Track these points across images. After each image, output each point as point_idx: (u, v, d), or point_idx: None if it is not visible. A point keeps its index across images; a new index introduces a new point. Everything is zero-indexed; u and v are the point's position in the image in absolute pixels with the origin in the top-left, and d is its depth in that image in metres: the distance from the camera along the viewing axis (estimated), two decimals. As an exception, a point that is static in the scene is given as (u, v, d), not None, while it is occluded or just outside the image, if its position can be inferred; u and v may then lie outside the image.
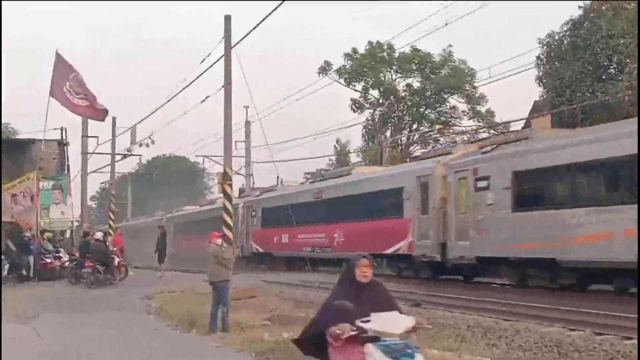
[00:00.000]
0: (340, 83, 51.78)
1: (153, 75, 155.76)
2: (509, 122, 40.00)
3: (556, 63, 35.05)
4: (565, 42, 34.89)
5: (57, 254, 31.33)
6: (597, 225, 17.86)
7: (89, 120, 42.56)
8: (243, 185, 50.62)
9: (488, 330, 13.26)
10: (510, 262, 21.37)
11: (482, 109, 50.74)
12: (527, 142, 21.69)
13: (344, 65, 51.33)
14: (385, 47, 49.83)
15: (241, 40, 24.80)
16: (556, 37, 35.51)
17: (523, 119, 36.56)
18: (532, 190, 20.82)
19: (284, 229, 35.88)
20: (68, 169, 37.87)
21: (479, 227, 22.17)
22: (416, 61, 51.10)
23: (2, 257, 27.00)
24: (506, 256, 21.26)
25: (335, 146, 70.13)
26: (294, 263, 35.01)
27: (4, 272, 26.78)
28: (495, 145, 23.31)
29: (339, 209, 31.42)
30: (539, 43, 36.01)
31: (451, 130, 50.24)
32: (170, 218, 55.49)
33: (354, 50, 51.32)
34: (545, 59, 35.84)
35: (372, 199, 29.06)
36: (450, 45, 50.71)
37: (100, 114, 33.66)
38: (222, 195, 26.24)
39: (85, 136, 42.56)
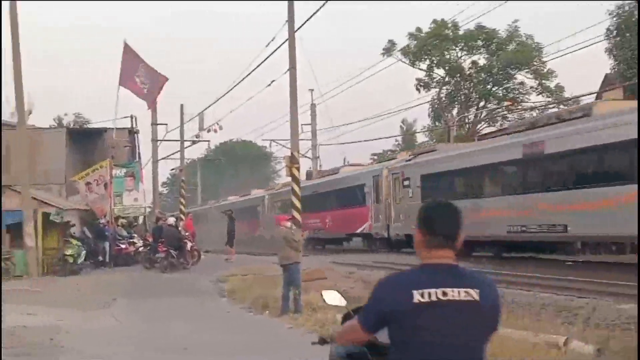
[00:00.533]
0: (404, 62, 51.42)
1: (219, 61, 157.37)
2: (579, 96, 39.14)
3: (627, 34, 34.09)
4: (635, 12, 33.89)
5: (131, 240, 32.03)
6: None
7: (159, 109, 43.42)
8: (310, 168, 50.85)
9: (563, 308, 13.05)
10: None
11: (551, 84, 49.72)
12: (432, 154, 30.43)
13: (408, 45, 50.90)
14: (450, 24, 49.21)
15: (304, 23, 24.90)
16: (626, 8, 34.53)
17: (594, 93, 35.69)
18: (433, 187, 28.28)
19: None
20: (139, 156, 38.67)
21: (405, 213, 30.07)
22: (482, 38, 50.31)
23: (80, 244, 27.70)
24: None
25: (401, 126, 69.87)
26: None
27: (81, 259, 27.49)
28: (414, 156, 32.43)
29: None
30: (609, 14, 35.08)
31: (519, 107, 49.39)
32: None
33: (419, 30, 50.84)
34: (615, 31, 34.90)
35: (346, 192, 37.94)
36: (516, 20, 49.81)
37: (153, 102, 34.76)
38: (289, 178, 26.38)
39: (154, 124, 43.38)
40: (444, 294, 3.48)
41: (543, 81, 49.60)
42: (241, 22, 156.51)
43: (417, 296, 3.46)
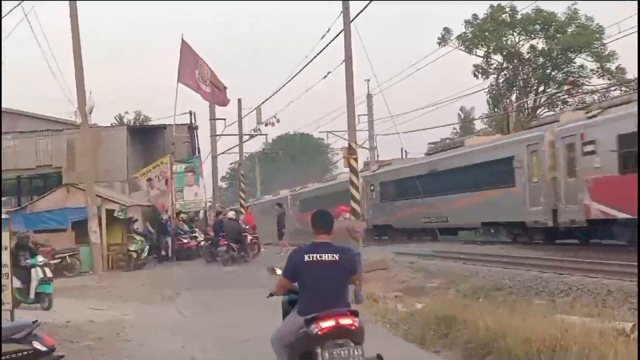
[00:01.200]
0: (461, 50, 50.82)
1: (276, 54, 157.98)
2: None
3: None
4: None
5: (192, 234, 32.43)
6: None
7: (215, 104, 43.81)
8: (367, 158, 50.75)
9: (630, 295, 12.76)
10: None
11: (612, 66, 48.55)
12: (387, 167, 41.23)
13: (464, 32, 50.31)
14: (508, 9, 48.47)
15: (359, 13, 24.77)
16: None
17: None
18: (386, 191, 41.51)
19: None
20: (198, 152, 39.05)
21: (370, 211, 40.51)
22: (540, 21, 49.39)
23: (143, 239, 28.18)
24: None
25: (459, 114, 69.17)
26: None
27: (145, 254, 27.97)
28: (378, 167, 42.15)
29: None
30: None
31: (580, 90, 48.37)
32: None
33: (474, 17, 50.23)
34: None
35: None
36: (576, 2, 48.74)
37: (222, 101, 34.95)
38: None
39: (213, 119, 43.81)
40: (320, 256, 6.83)
41: (604, 63, 48.48)
42: (297, 13, 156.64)
43: (306, 257, 6.86)
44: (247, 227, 30.61)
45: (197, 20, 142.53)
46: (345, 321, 6.59)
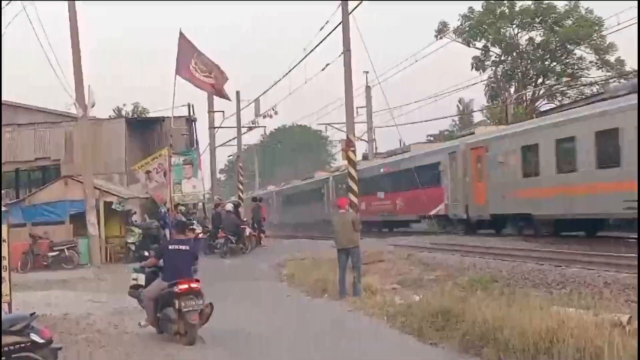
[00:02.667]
0: (459, 42, 50.77)
1: (274, 46, 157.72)
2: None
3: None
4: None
5: (191, 227, 32.36)
6: None
7: (214, 96, 43.71)
8: (366, 150, 50.69)
9: (627, 287, 12.78)
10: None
11: (611, 58, 48.51)
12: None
13: (460, 25, 50.27)
14: (506, 1, 48.43)
15: (358, 5, 24.72)
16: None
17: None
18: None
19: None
20: (197, 144, 38.97)
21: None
22: (538, 14, 49.33)
23: (141, 231, 28.15)
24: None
25: (457, 106, 69.01)
26: None
27: (143, 246, 27.95)
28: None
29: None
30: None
31: (578, 82, 48.35)
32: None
33: (471, 11, 50.20)
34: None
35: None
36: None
37: (223, 93, 34.78)
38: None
39: (211, 111, 43.73)
40: (177, 247, 11.66)
41: (603, 55, 48.43)
42: (297, 5, 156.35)
43: (170, 247, 11.79)
44: (245, 219, 30.61)
45: (195, 12, 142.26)
46: (194, 285, 11.17)
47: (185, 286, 10.98)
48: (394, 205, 38.66)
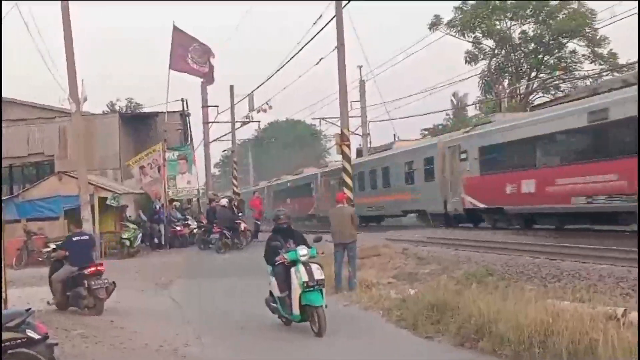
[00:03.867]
0: (452, 35, 50.74)
1: (268, 41, 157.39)
2: (634, 63, 38.07)
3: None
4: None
5: (185, 222, 32.42)
6: None
7: (209, 91, 43.71)
8: (360, 145, 50.67)
9: (621, 280, 12.82)
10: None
11: (604, 52, 48.50)
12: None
13: (454, 18, 50.21)
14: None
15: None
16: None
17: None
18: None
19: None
20: (191, 139, 38.95)
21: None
22: (531, 7, 49.30)
23: (136, 227, 28.18)
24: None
25: (451, 100, 69.01)
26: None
27: (138, 242, 27.96)
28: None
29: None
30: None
31: (572, 75, 48.34)
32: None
33: (464, 4, 50.17)
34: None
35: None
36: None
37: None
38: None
39: (205, 106, 43.70)
40: (80, 238, 14.57)
41: (595, 48, 48.42)
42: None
43: (74, 238, 14.60)
44: (240, 214, 30.60)
45: (188, 5, 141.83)
46: (100, 268, 14.00)
47: (93, 269, 13.95)
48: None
